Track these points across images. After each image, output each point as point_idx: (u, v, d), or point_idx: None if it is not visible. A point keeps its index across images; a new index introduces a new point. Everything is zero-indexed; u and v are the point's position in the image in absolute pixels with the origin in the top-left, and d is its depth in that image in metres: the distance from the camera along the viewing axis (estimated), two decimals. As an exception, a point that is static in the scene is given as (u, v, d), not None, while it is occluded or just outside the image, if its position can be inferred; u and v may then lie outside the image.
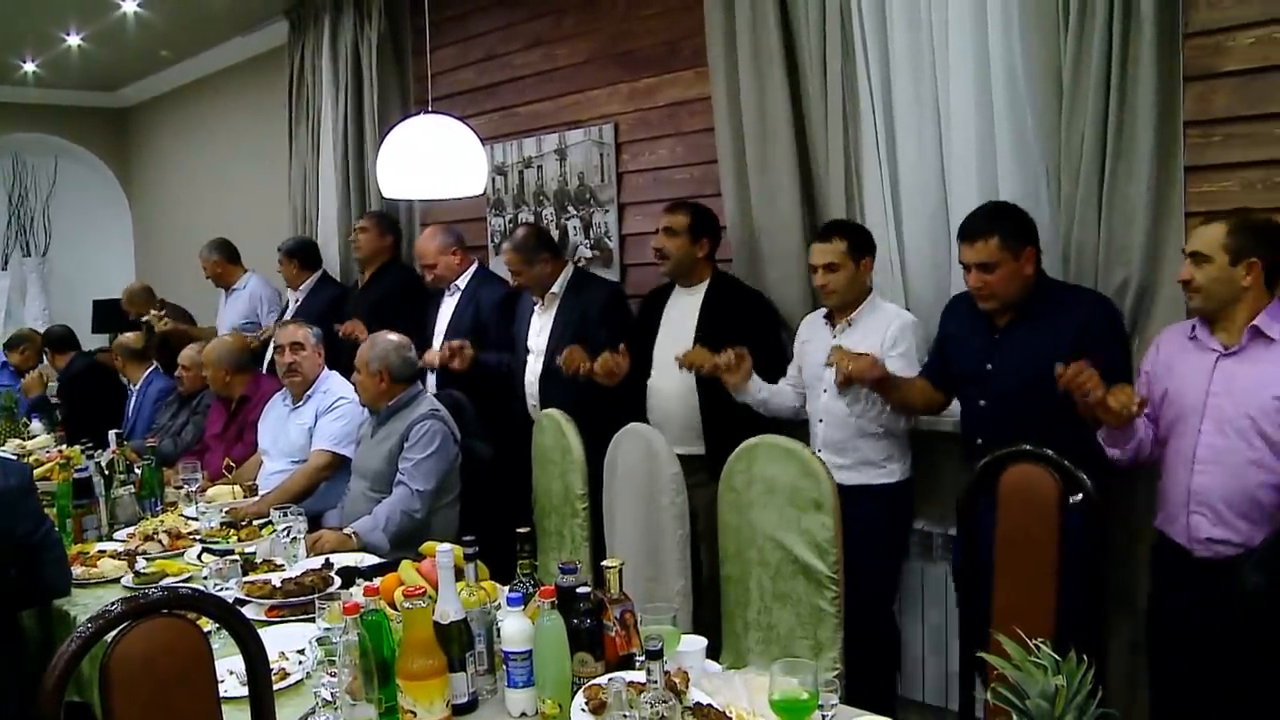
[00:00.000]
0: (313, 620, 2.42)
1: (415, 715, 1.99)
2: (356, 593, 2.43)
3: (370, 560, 3.10)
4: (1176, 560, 2.63)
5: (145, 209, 9.25)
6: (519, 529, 2.38)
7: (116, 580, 3.13)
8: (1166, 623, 2.68)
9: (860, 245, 3.32)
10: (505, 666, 2.09)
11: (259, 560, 3.13)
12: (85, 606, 2.93)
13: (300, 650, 2.40)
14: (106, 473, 3.84)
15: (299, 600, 2.74)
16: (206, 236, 6.34)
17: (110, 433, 4.30)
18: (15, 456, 4.32)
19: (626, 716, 1.75)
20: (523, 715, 2.08)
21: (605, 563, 2.23)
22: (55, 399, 6.32)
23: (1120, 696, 2.91)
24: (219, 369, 4.60)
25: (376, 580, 2.59)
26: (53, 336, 6.44)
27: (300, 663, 2.35)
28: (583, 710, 1.97)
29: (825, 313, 3.44)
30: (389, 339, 3.70)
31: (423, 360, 4.04)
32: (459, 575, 2.20)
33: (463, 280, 4.65)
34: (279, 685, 2.21)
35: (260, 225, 6.80)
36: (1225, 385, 2.52)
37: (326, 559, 3.07)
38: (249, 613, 2.62)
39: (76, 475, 3.62)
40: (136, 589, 2.95)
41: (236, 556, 3.07)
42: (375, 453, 3.63)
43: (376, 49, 5.63)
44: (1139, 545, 2.89)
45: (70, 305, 8.66)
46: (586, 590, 2.15)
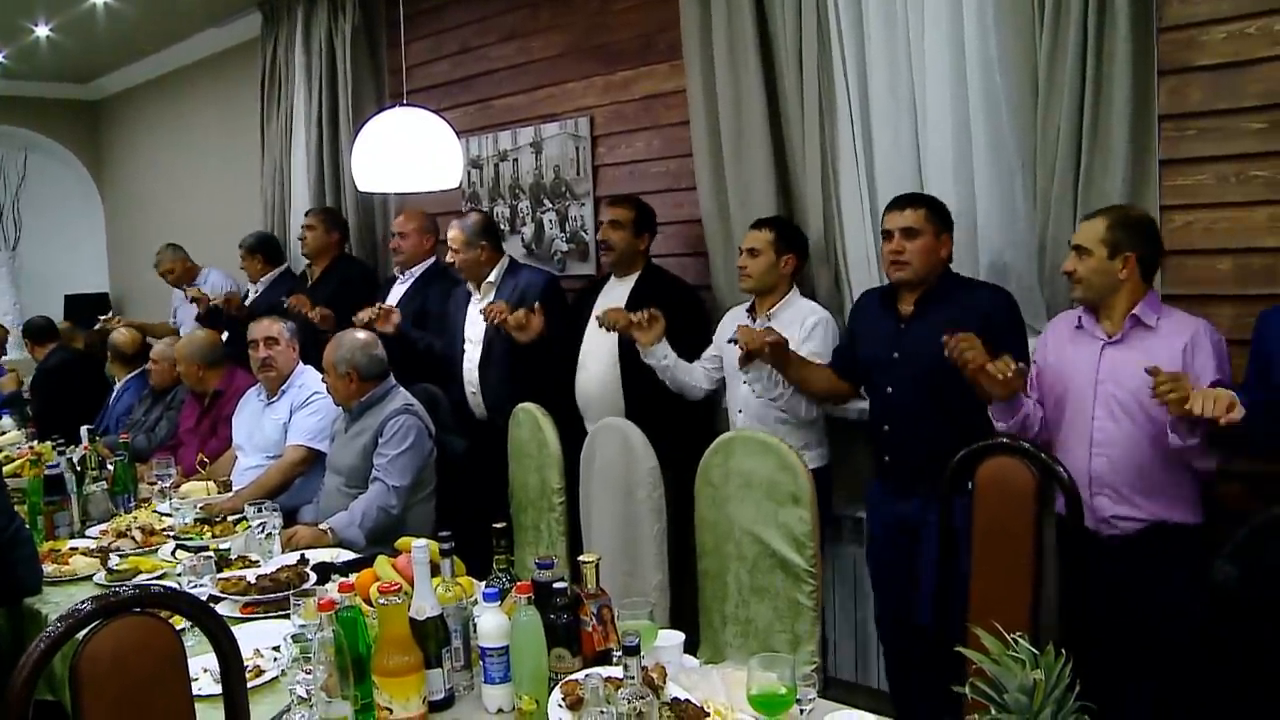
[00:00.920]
0: (288, 617, 2.40)
1: (391, 712, 1.98)
2: (332, 589, 2.42)
3: (346, 556, 3.08)
4: (1086, 544, 2.66)
5: (117, 203, 9.15)
6: (495, 524, 2.37)
7: (89, 578, 3.09)
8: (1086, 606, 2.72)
9: (789, 241, 3.45)
10: (482, 662, 2.09)
11: (233, 556, 3.10)
12: (57, 605, 2.90)
13: (275, 647, 2.38)
14: (78, 469, 3.80)
15: (274, 597, 2.71)
16: (178, 231, 6.35)
17: (82, 428, 4.25)
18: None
19: (604, 712, 1.75)
20: (499, 711, 2.07)
21: (582, 558, 2.23)
22: (28, 394, 6.25)
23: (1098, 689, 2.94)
24: (191, 364, 4.56)
25: (352, 576, 2.57)
26: (33, 328, 6.40)
27: (275, 660, 2.34)
28: (560, 706, 1.96)
29: (748, 306, 3.55)
30: (354, 338, 3.67)
31: (355, 318, 4.11)
32: (435, 571, 2.20)
33: (418, 269, 4.73)
34: (253, 683, 2.19)
35: (231, 219, 6.74)
36: (1111, 372, 2.66)
37: (302, 555, 3.05)
38: (223, 609, 2.59)
39: (48, 472, 3.58)
40: (109, 586, 2.92)
41: (211, 553, 3.04)
42: (350, 449, 3.61)
43: (350, 42, 5.59)
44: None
45: (42, 300, 8.55)
46: (563, 585, 2.15)
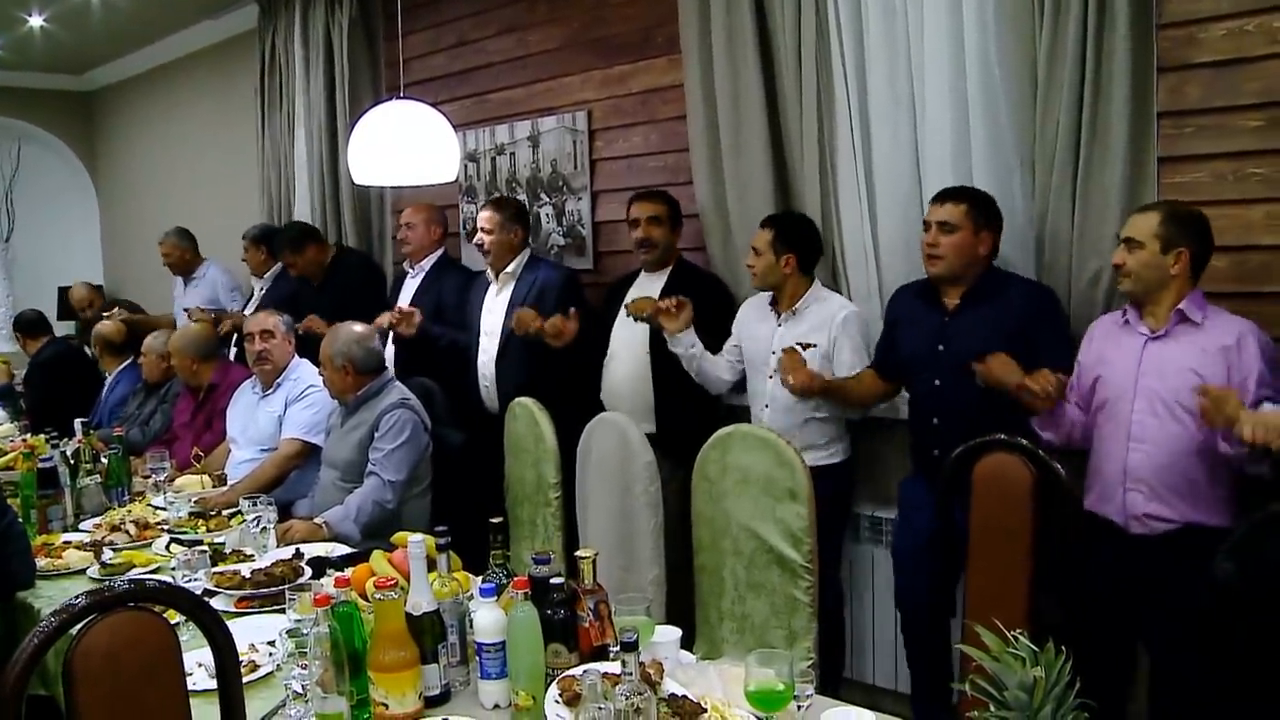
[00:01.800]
0: (283, 611, 2.39)
1: (387, 707, 1.97)
2: (327, 583, 2.40)
3: (341, 550, 3.08)
4: (1111, 539, 2.69)
5: (111, 195, 9.12)
6: (491, 519, 2.36)
7: (82, 572, 3.08)
8: (1103, 601, 2.74)
9: (788, 240, 3.43)
10: (478, 658, 2.08)
11: (228, 551, 3.09)
12: (50, 599, 2.88)
13: (270, 642, 2.36)
14: (72, 462, 3.79)
15: (269, 591, 2.71)
16: (174, 223, 6.30)
17: (76, 421, 4.24)
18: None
19: (601, 708, 1.74)
20: (496, 707, 2.07)
21: (579, 553, 2.22)
22: (20, 387, 6.23)
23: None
24: (185, 357, 4.55)
25: (348, 571, 2.57)
26: (24, 321, 6.35)
27: (271, 654, 2.33)
28: (557, 702, 1.95)
29: (771, 299, 3.54)
30: (350, 331, 3.66)
31: (375, 322, 4.06)
32: (431, 566, 2.19)
33: (427, 263, 4.71)
34: (249, 678, 2.19)
35: (229, 212, 6.73)
36: (1154, 366, 2.64)
37: (297, 549, 3.04)
38: (218, 604, 2.59)
39: (41, 465, 3.56)
40: (102, 580, 2.91)
41: (205, 547, 3.03)
42: (345, 442, 3.59)
43: (348, 34, 5.56)
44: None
45: (35, 292, 8.51)
46: (560, 581, 2.14)
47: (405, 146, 3.39)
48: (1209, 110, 2.87)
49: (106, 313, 5.91)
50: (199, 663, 2.15)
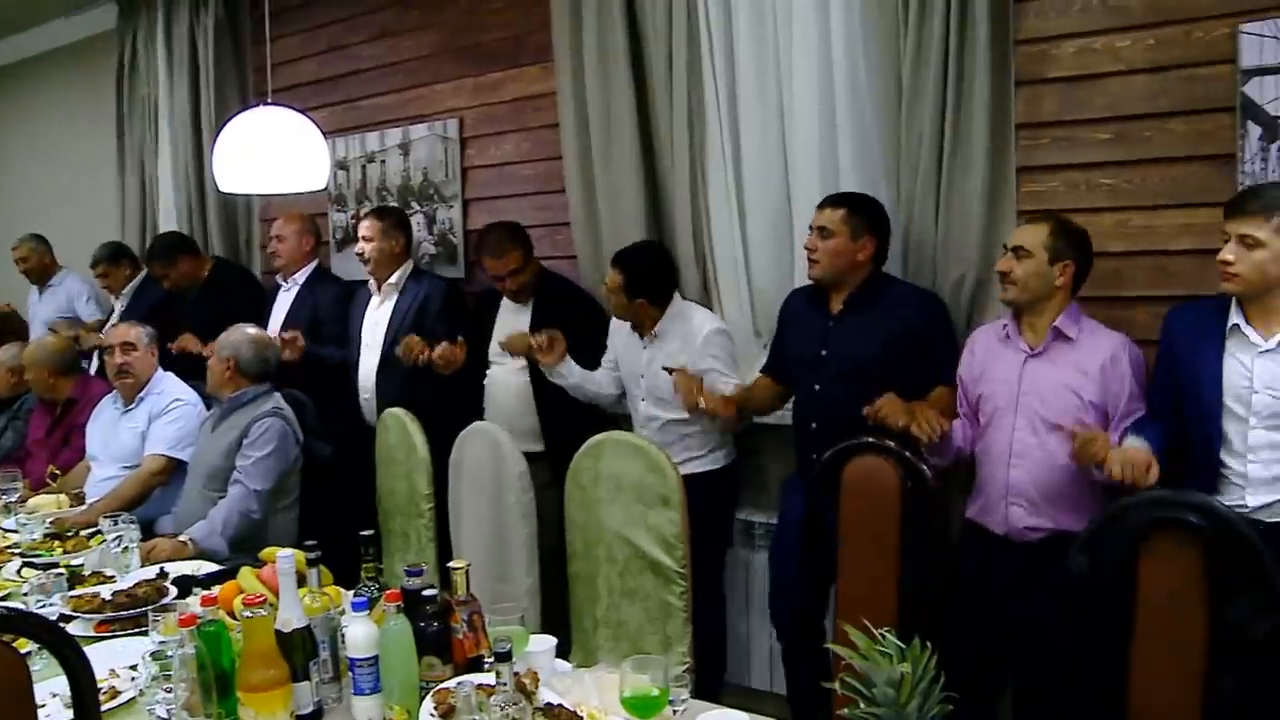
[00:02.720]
0: (146, 634, 2.31)
1: (256, 728, 1.94)
2: (193, 602, 2.35)
3: (208, 568, 3.00)
4: (992, 547, 2.79)
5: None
6: (362, 531, 2.34)
7: (-75, 601, 2.93)
8: (982, 606, 2.83)
9: (634, 282, 3.42)
10: (351, 673, 2.05)
11: (87, 573, 2.97)
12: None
13: (133, 666, 2.28)
14: (-87, 484, 3.60)
15: (131, 613, 2.61)
16: (27, 230, 6.05)
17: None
18: None
19: (475, 720, 1.75)
20: (369, 722, 2.05)
21: (451, 564, 2.22)
22: None
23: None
24: (42, 370, 4.36)
25: (215, 589, 2.51)
26: None
27: (133, 679, 2.25)
28: (432, 715, 1.94)
29: (632, 324, 3.56)
30: (248, 331, 3.65)
31: None
32: (301, 581, 2.15)
33: (301, 275, 4.65)
34: (109, 705, 2.11)
35: (87, 220, 6.47)
36: (1033, 385, 2.73)
37: (161, 568, 2.95)
38: (75, 629, 2.49)
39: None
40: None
41: (61, 570, 2.90)
42: (214, 447, 3.52)
43: (213, 37, 5.43)
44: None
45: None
46: (433, 592, 2.13)
47: (273, 153, 3.32)
48: (1063, 123, 3.01)
49: None
50: (53, 693, 2.08)
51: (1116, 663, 1.97)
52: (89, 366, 5.18)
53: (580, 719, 1.93)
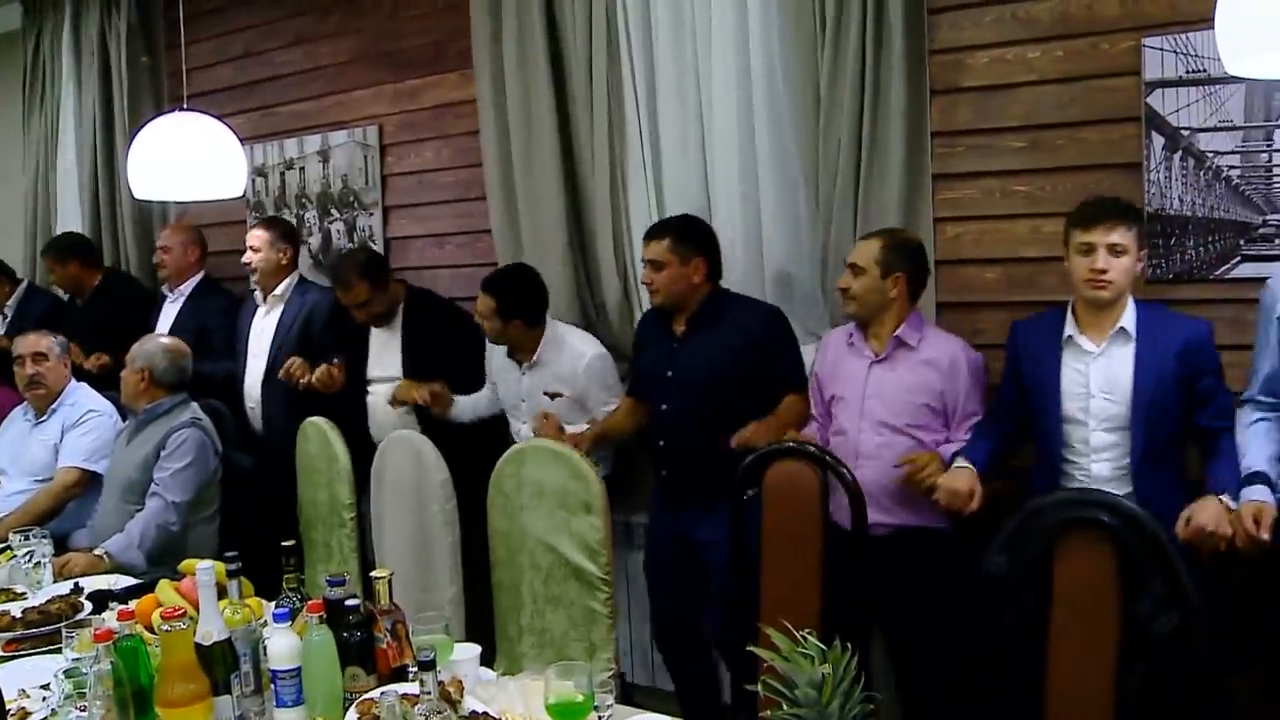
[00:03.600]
0: (60, 651, 2.27)
1: (177, 743, 1.92)
2: (110, 617, 2.31)
3: (126, 582, 2.95)
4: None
5: None
6: (284, 542, 2.32)
7: None
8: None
9: (506, 311, 3.44)
10: (273, 686, 2.03)
11: (-3, 589, 2.91)
12: None
13: (45, 685, 2.23)
14: None
15: (43, 630, 2.55)
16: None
17: None
18: None
19: (399, 729, 1.75)
20: (292, 734, 2.04)
21: (374, 573, 2.21)
22: None
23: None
24: (-55, 382, 4.25)
25: (132, 603, 2.46)
26: None
27: (45, 699, 2.20)
28: (355, 725, 1.95)
29: (507, 352, 3.60)
30: (163, 340, 3.62)
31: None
32: (221, 593, 2.13)
33: (187, 287, 4.64)
34: (20, 725, 2.08)
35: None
36: (877, 389, 2.88)
37: (76, 583, 2.89)
38: (-17, 648, 2.44)
39: None
40: None
41: (-33, 588, 2.84)
42: (129, 459, 3.47)
43: (125, 41, 5.30)
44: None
45: None
46: (356, 602, 2.12)
47: (189, 160, 3.28)
48: (977, 131, 3.09)
49: None
50: (-40, 714, 2.03)
51: (1035, 655, 2.04)
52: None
53: (505, 726, 1.94)
